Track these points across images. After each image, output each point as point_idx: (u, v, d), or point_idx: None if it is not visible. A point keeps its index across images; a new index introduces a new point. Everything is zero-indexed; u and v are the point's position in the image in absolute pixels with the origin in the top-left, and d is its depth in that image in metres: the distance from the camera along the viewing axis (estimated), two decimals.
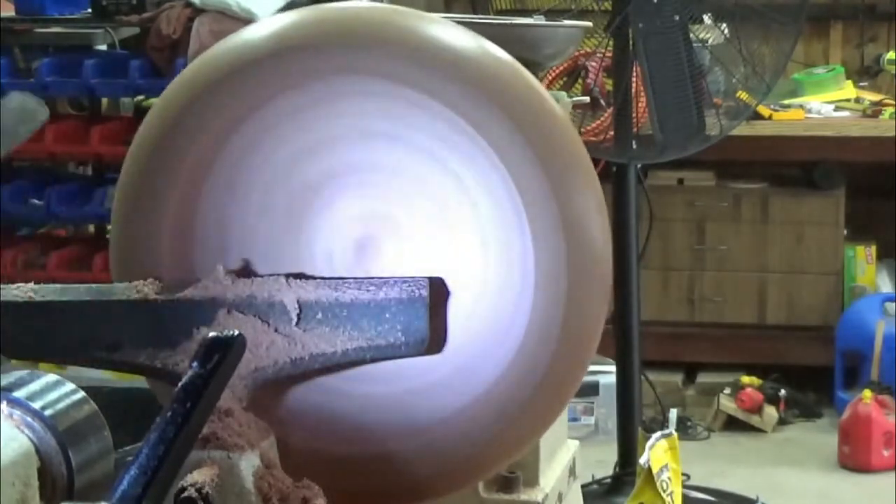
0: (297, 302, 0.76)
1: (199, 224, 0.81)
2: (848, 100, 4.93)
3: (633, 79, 3.47)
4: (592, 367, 0.76)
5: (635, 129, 3.54)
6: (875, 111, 4.64)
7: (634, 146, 3.54)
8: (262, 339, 0.75)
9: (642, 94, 3.46)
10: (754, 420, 4.68)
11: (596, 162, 0.73)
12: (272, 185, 0.79)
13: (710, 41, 3.70)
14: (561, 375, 0.74)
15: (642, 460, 2.17)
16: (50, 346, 0.78)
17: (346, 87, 0.75)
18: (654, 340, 4.49)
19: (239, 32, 0.78)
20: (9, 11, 4.38)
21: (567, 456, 1.66)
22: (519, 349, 0.74)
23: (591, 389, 4.53)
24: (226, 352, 0.59)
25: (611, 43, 3.52)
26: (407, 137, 0.76)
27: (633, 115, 3.52)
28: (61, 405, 0.51)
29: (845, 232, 4.94)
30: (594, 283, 0.73)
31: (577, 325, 0.73)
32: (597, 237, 0.74)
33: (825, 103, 4.88)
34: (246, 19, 3.75)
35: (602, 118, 3.73)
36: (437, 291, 0.75)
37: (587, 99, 3.57)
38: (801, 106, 4.84)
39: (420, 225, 0.77)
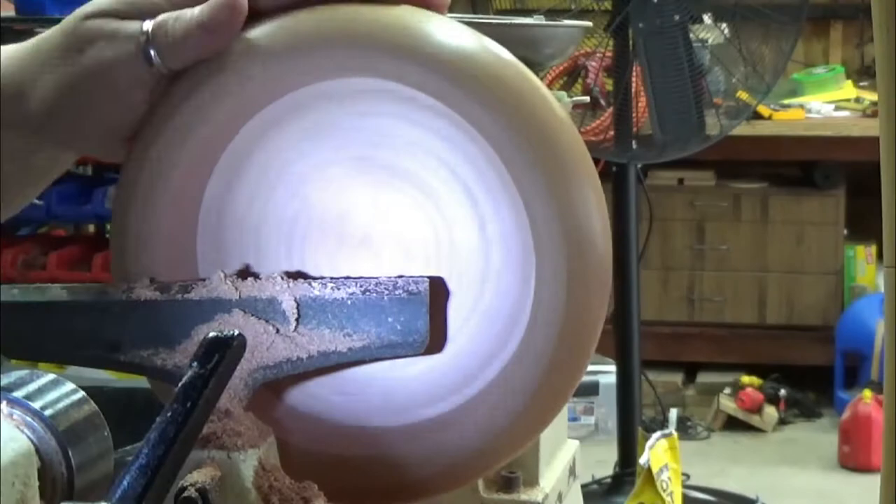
0: (297, 302, 0.76)
1: (200, 223, 0.81)
2: (848, 100, 4.94)
3: (633, 79, 3.47)
4: (592, 367, 0.76)
5: (635, 129, 3.55)
6: (875, 111, 4.63)
7: (634, 146, 3.55)
8: (262, 340, 0.75)
9: (642, 94, 3.46)
10: (754, 420, 4.69)
11: (596, 162, 0.73)
12: (275, 183, 0.79)
13: (710, 41, 3.70)
14: (560, 375, 0.74)
15: (642, 460, 2.17)
16: (50, 346, 0.78)
17: (346, 87, 0.76)
18: (654, 340, 4.50)
19: (241, 32, 0.78)
20: (9, 11, 4.38)
21: (567, 456, 1.66)
22: (518, 349, 0.74)
23: (591, 389, 4.54)
24: (226, 352, 0.59)
25: (611, 43, 3.53)
26: (406, 136, 0.76)
27: (633, 115, 3.52)
28: (61, 405, 0.51)
29: (845, 232, 4.95)
30: (594, 283, 0.73)
31: (576, 326, 0.73)
32: (598, 238, 0.73)
33: (825, 103, 4.88)
34: None
35: (602, 118, 3.74)
36: (438, 291, 0.75)
37: (587, 99, 3.57)
38: (801, 106, 4.84)
39: (419, 224, 0.77)
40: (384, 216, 0.77)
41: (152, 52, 0.74)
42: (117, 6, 0.77)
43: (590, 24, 2.66)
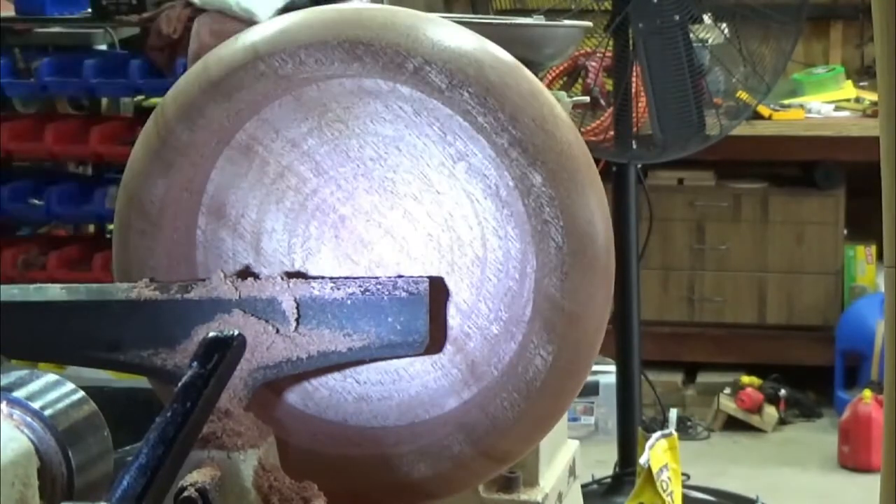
0: (297, 302, 0.76)
1: (201, 223, 0.81)
2: (848, 100, 4.94)
3: (633, 79, 3.47)
4: (592, 367, 0.77)
5: (635, 129, 3.54)
6: (875, 111, 4.63)
7: (634, 146, 3.54)
8: (262, 340, 0.75)
9: (642, 94, 3.46)
10: (754, 420, 4.68)
11: (596, 162, 0.73)
12: (275, 183, 0.79)
13: (710, 41, 3.70)
14: (562, 378, 0.74)
15: (642, 460, 2.17)
16: (50, 346, 0.78)
17: (346, 88, 0.75)
18: (654, 340, 4.49)
19: (245, 32, 0.77)
20: (9, 11, 4.38)
21: (567, 456, 1.66)
22: (518, 351, 0.74)
23: (591, 389, 4.54)
24: (226, 352, 0.59)
25: (611, 43, 3.52)
26: (406, 137, 0.76)
27: (633, 115, 3.52)
28: (61, 405, 0.51)
29: (845, 232, 4.95)
30: (596, 286, 0.73)
31: (578, 329, 0.73)
32: (599, 241, 0.74)
33: (825, 103, 4.88)
34: (246, 19, 3.75)
35: (602, 118, 3.74)
36: (437, 291, 0.75)
37: (587, 99, 3.57)
38: (801, 106, 4.84)
39: (418, 224, 0.77)
40: (383, 215, 0.77)
41: None
42: None
43: (590, 24, 2.66)
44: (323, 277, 0.77)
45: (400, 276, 0.75)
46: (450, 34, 0.74)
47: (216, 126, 0.76)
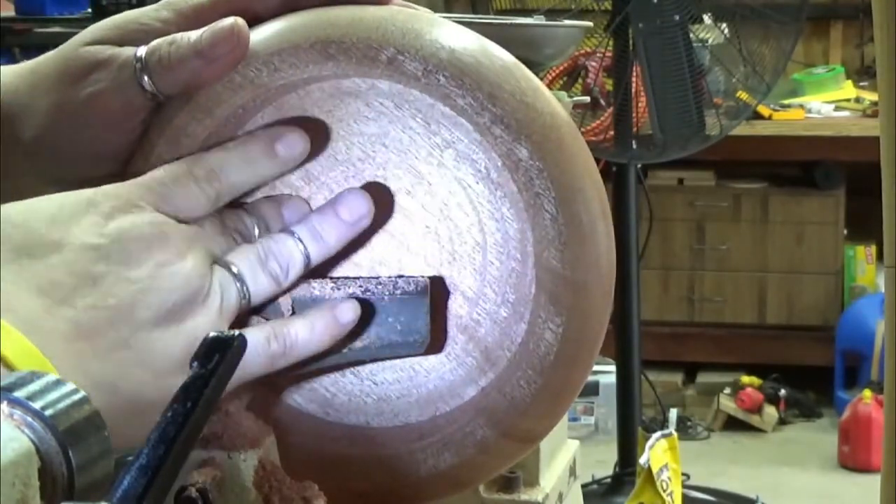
0: (296, 303, 0.76)
1: None
2: (848, 100, 4.94)
3: (633, 79, 3.47)
4: (593, 368, 0.76)
5: (635, 129, 3.55)
6: (875, 111, 4.64)
7: (634, 146, 3.54)
8: None
9: (642, 94, 3.46)
10: (754, 420, 4.69)
11: (596, 162, 0.73)
12: (274, 184, 0.79)
13: (710, 41, 3.70)
14: (573, 349, 0.73)
15: (642, 460, 2.17)
16: None
17: (325, 92, 0.75)
18: (654, 340, 4.50)
19: (257, 28, 0.77)
20: (9, 11, 4.38)
21: (567, 456, 1.66)
22: (528, 329, 0.74)
23: (591, 389, 4.54)
24: (226, 352, 0.59)
25: (611, 43, 3.53)
26: (391, 133, 0.76)
27: (633, 115, 3.52)
28: (61, 405, 0.51)
29: (845, 232, 4.95)
30: (597, 252, 0.73)
31: (584, 297, 0.73)
32: (594, 206, 0.73)
33: (825, 103, 4.89)
34: None
35: (602, 118, 3.74)
36: (438, 291, 0.75)
37: (587, 99, 3.56)
38: (801, 106, 4.84)
39: (414, 218, 0.77)
40: (386, 217, 0.77)
41: (146, 79, 0.72)
42: (114, 32, 0.75)
43: (590, 24, 2.66)
44: (323, 278, 0.77)
45: (400, 276, 0.75)
46: (418, 22, 0.73)
47: (201, 145, 0.75)
